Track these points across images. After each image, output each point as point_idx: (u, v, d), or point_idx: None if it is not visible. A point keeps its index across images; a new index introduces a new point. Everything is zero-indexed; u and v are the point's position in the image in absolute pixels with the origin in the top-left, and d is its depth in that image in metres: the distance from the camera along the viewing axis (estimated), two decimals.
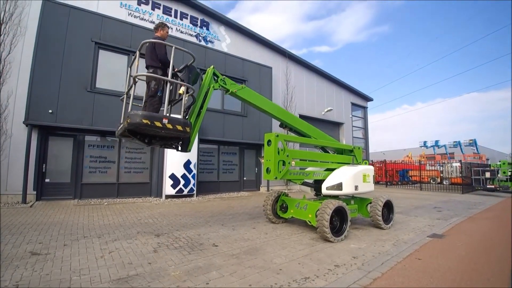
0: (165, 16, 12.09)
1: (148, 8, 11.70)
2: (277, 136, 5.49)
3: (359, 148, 7.51)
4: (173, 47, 4.57)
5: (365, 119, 23.62)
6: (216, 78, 5.49)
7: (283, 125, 6.86)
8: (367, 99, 23.86)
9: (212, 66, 5.42)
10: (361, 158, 7.53)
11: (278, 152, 5.42)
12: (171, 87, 4.73)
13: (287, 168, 5.54)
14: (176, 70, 5.10)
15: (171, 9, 12.33)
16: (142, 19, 11.46)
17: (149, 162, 11.33)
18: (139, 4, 11.55)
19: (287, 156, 5.53)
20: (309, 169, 6.65)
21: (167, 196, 10.60)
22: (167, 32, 5.24)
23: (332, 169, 6.57)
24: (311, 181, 6.72)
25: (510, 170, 20.02)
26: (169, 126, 4.30)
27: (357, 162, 7.28)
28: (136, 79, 4.78)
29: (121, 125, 4.81)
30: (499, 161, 21.93)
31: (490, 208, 10.82)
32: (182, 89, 4.80)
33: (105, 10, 10.58)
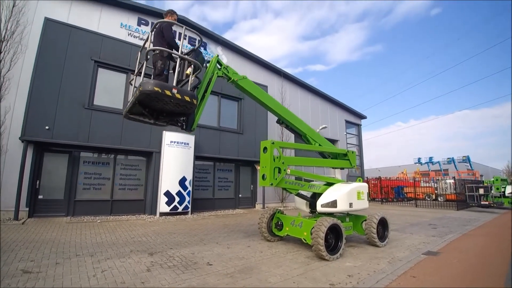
0: None
1: (147, 28, 12.06)
2: (273, 143, 5.61)
3: (352, 152, 7.61)
4: (184, 27, 4.90)
5: (359, 136, 23.95)
6: (219, 67, 5.85)
7: (280, 120, 7.08)
8: (361, 116, 24.32)
9: (216, 55, 5.84)
10: (355, 162, 7.66)
11: (274, 159, 5.52)
12: (179, 68, 5.01)
13: (283, 175, 5.64)
14: (184, 53, 5.32)
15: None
16: (141, 39, 11.77)
17: (144, 179, 11.27)
18: (139, 24, 11.92)
19: (283, 163, 5.63)
20: (314, 183, 6.68)
21: (161, 214, 10.49)
22: (175, 19, 5.40)
23: (330, 184, 6.64)
24: (308, 195, 6.77)
25: (503, 186, 20.27)
26: (178, 96, 4.49)
27: (351, 166, 7.41)
28: (148, 56, 5.06)
29: (130, 101, 5.09)
30: (493, 178, 22.19)
31: (485, 225, 10.87)
32: (189, 70, 5.05)
33: (105, 30, 10.88)
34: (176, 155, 10.95)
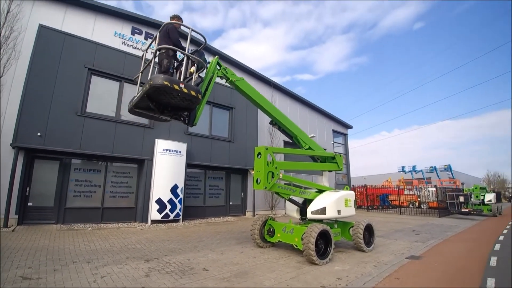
0: None
1: (141, 38, 12.26)
2: (267, 149, 5.95)
3: (340, 155, 8.07)
4: (190, 29, 5.30)
5: (345, 145, 24.66)
6: (219, 67, 6.29)
7: (273, 122, 7.49)
8: (347, 126, 25.10)
9: (216, 57, 6.30)
10: (342, 165, 8.10)
11: (268, 164, 5.84)
12: (184, 66, 5.43)
13: (276, 179, 5.98)
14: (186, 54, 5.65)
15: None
16: (135, 48, 11.94)
17: (135, 187, 11.29)
18: (132, 33, 12.09)
19: (276, 168, 5.95)
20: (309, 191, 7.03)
21: (153, 221, 10.51)
22: (179, 23, 5.75)
23: (320, 190, 7.00)
24: (300, 201, 7.08)
25: (482, 194, 21.23)
26: (185, 90, 4.89)
27: (338, 168, 7.83)
28: (158, 52, 5.43)
29: (136, 96, 5.52)
30: (472, 186, 23.22)
31: (464, 231, 11.46)
32: (193, 68, 5.51)
33: (99, 38, 10.99)
34: (168, 162, 11.06)
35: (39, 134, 8.85)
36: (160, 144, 11.02)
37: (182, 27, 5.85)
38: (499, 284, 4.59)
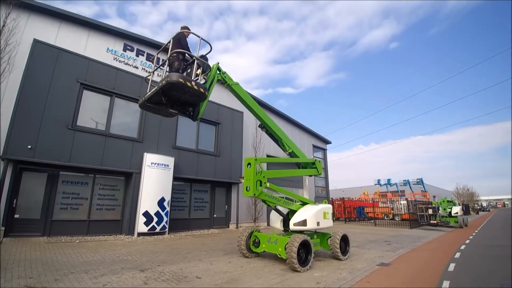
0: (148, 62, 13.16)
1: (132, 54, 12.71)
2: (256, 159, 6.64)
3: (319, 161, 9.19)
4: (200, 39, 6.29)
5: (325, 159, 25.80)
6: (219, 72, 7.14)
7: (261, 125, 8.40)
8: (326, 142, 26.39)
9: (217, 62, 7.10)
10: (321, 169, 9.28)
11: (256, 173, 6.55)
12: (189, 69, 6.57)
13: (264, 187, 6.71)
14: (195, 57, 6.53)
15: (153, 56, 13.46)
16: (126, 64, 12.36)
17: (122, 199, 11.46)
18: (124, 50, 12.52)
19: (263, 177, 6.68)
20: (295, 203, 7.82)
21: (139, 234, 10.70)
22: (189, 32, 6.73)
23: (302, 202, 7.87)
24: (285, 212, 7.77)
25: (449, 207, 22.87)
26: (196, 87, 5.81)
27: (318, 173, 8.94)
28: (173, 54, 6.33)
29: (149, 92, 6.36)
30: (440, 199, 24.90)
31: (432, 241, 12.52)
32: (199, 71, 6.53)
33: (91, 53, 11.32)
34: (156, 176, 11.39)
35: (29, 146, 8.96)
36: (149, 158, 11.36)
37: (191, 34, 6.85)
38: (453, 285, 5.41)
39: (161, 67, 6.83)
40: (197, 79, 6.31)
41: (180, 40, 6.57)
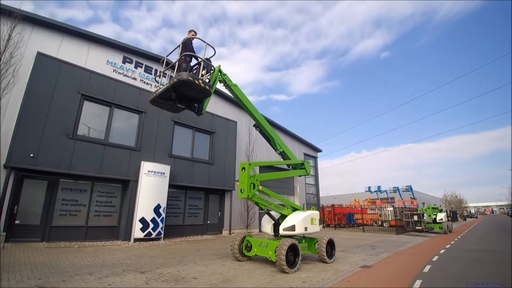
0: (146, 74, 13.72)
1: (131, 66, 13.26)
2: (250, 164, 7.24)
3: (308, 162, 9.84)
4: (206, 44, 7.29)
5: (315, 167, 26.53)
6: (220, 73, 7.95)
7: (256, 125, 9.11)
8: (317, 150, 27.17)
9: (219, 65, 7.94)
10: (310, 169, 10.04)
11: (250, 177, 7.13)
12: (195, 70, 7.63)
13: (257, 189, 7.30)
14: (202, 60, 7.48)
15: (151, 68, 14.06)
16: (125, 75, 12.89)
17: (119, 206, 11.84)
18: (123, 62, 13.06)
19: (257, 180, 7.28)
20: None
21: (136, 240, 11.08)
22: (194, 35, 7.71)
23: (293, 207, 8.49)
24: (276, 217, 8.36)
25: (434, 213, 23.75)
26: (202, 84, 6.79)
27: (306, 173, 9.62)
28: (183, 57, 7.27)
29: (160, 89, 7.28)
30: (425, 206, 25.79)
31: (415, 246, 13.21)
32: (203, 71, 7.46)
33: (92, 66, 11.83)
34: (152, 183, 11.83)
35: (31, 155, 9.35)
36: (146, 166, 11.82)
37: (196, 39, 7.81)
38: (424, 284, 6.04)
39: (169, 68, 7.85)
40: (202, 78, 7.17)
41: (187, 44, 7.50)
